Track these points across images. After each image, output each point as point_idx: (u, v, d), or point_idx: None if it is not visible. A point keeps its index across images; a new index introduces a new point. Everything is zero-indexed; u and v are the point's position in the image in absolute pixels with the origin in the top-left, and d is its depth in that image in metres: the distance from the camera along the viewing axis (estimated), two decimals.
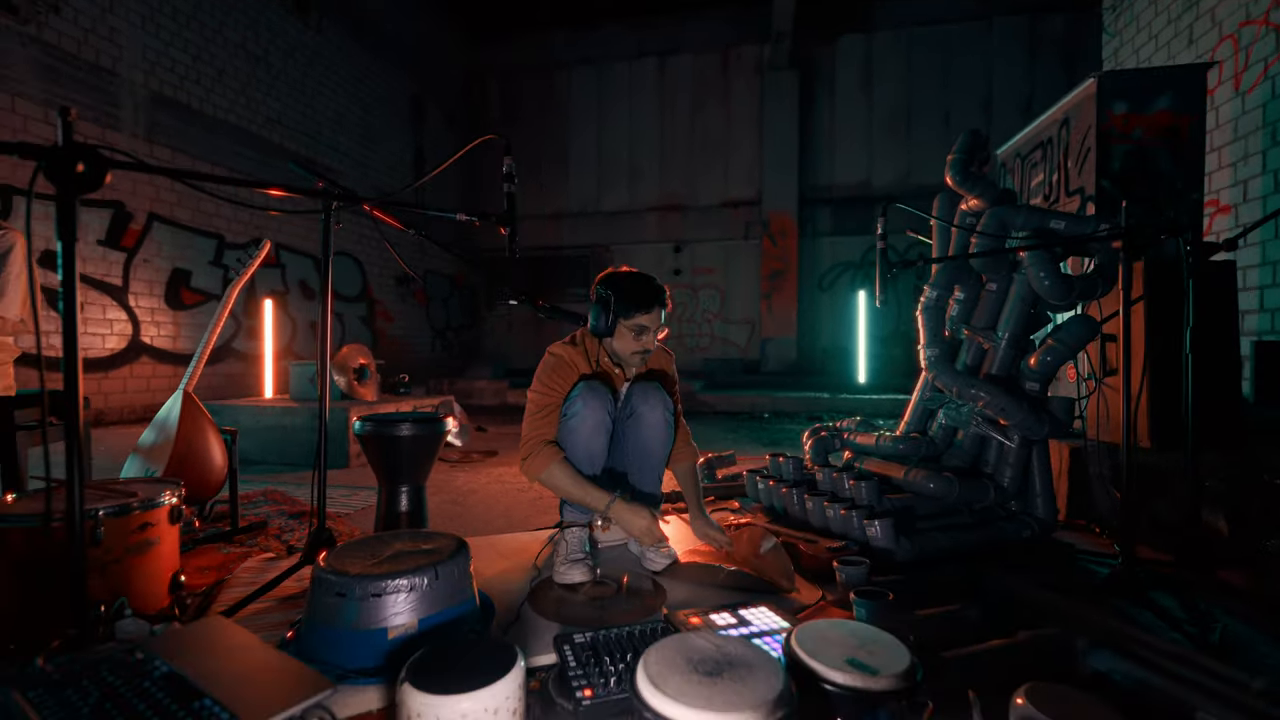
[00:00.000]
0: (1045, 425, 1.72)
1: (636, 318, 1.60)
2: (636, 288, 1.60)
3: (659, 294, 1.62)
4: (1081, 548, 1.83)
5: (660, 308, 1.62)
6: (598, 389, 1.61)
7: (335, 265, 6.62)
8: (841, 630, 0.94)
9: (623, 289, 1.60)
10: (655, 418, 1.65)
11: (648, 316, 1.60)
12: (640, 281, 1.62)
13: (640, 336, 1.62)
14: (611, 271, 1.67)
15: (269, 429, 3.32)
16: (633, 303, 1.59)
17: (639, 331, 1.61)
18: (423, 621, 1.12)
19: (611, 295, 1.60)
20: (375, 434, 1.59)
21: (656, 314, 1.62)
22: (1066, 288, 1.62)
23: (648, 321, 1.61)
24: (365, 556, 1.20)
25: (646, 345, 1.64)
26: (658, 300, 1.61)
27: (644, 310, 1.59)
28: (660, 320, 1.64)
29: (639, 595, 1.45)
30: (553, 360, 1.67)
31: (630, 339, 1.63)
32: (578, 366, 1.67)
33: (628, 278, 1.63)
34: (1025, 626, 1.24)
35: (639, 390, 1.67)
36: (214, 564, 1.72)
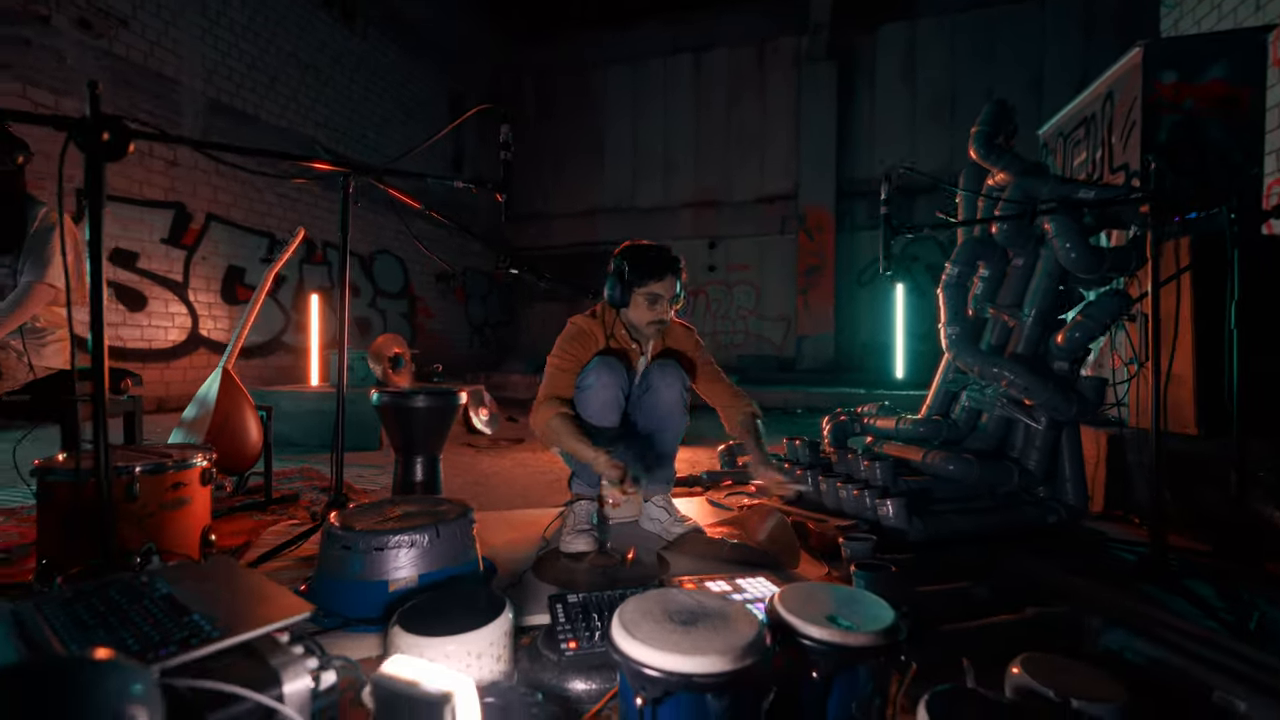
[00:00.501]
0: (1073, 405, 1.64)
1: (650, 285, 1.62)
2: (649, 256, 1.63)
3: (672, 262, 1.65)
4: (1114, 536, 1.73)
5: (673, 276, 1.64)
6: (613, 365, 1.63)
7: (379, 263, 6.85)
8: (827, 592, 0.93)
9: (636, 258, 1.64)
10: (671, 395, 1.67)
11: (660, 284, 1.63)
12: (653, 251, 1.65)
13: (654, 305, 1.64)
14: (628, 244, 1.69)
15: (309, 413, 3.48)
16: (645, 271, 1.61)
17: (652, 300, 1.63)
18: (423, 577, 1.16)
19: (625, 264, 1.63)
20: (391, 405, 1.66)
21: (670, 282, 1.63)
22: (1095, 259, 1.54)
23: (661, 289, 1.63)
24: (373, 516, 1.25)
25: (661, 315, 1.65)
26: (670, 268, 1.63)
27: (656, 278, 1.62)
28: (675, 290, 1.65)
29: (641, 565, 1.46)
30: (572, 330, 1.71)
31: (644, 308, 1.65)
32: (595, 337, 1.70)
33: (641, 248, 1.66)
34: (1036, 606, 1.19)
35: (658, 367, 1.69)
36: (245, 528, 1.82)
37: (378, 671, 0.61)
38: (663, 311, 1.65)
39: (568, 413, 1.61)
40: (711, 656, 0.72)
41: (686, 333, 1.84)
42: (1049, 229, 1.58)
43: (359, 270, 7.45)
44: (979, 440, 1.84)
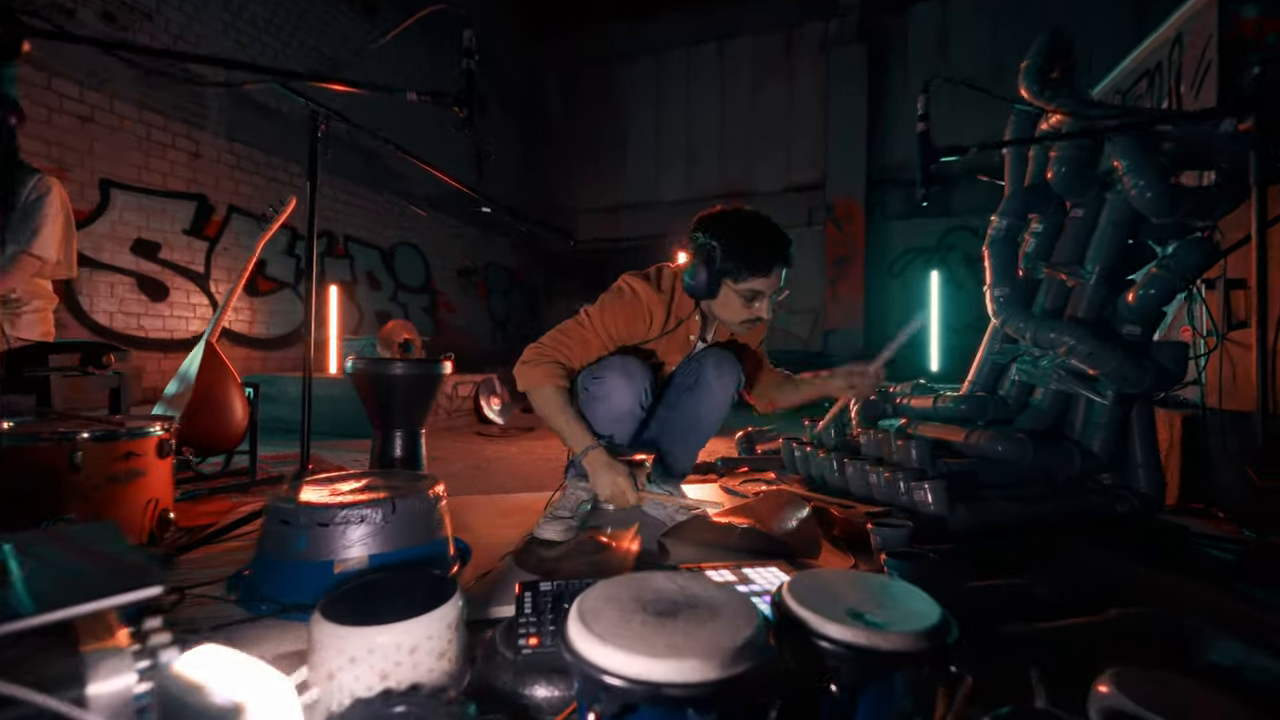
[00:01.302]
0: (1148, 375, 1.39)
1: (750, 281, 1.22)
2: (754, 240, 1.21)
3: (782, 250, 1.23)
4: (1199, 531, 1.48)
5: (783, 267, 1.24)
6: (635, 371, 1.30)
7: (400, 255, 6.78)
8: (851, 581, 0.73)
9: (735, 240, 1.22)
10: (723, 397, 1.41)
11: (765, 281, 1.23)
12: (759, 232, 1.23)
13: (753, 303, 1.26)
14: (721, 211, 1.29)
15: (317, 400, 3.38)
16: (747, 261, 1.21)
17: (751, 297, 1.25)
18: (375, 558, 1.00)
19: (719, 248, 1.23)
20: (368, 373, 1.51)
21: (777, 277, 1.24)
22: (1173, 201, 1.29)
23: (764, 286, 1.23)
24: (327, 489, 1.10)
25: (760, 313, 1.27)
26: (780, 258, 1.22)
27: (761, 273, 1.21)
28: (779, 282, 1.27)
29: (636, 554, 1.27)
30: (626, 294, 1.31)
31: (739, 305, 1.27)
32: (654, 317, 1.33)
33: (743, 223, 1.24)
34: (1109, 602, 0.96)
35: (713, 359, 1.37)
36: (221, 510, 1.70)
37: (167, 668, 0.45)
38: (763, 310, 1.27)
39: (564, 386, 1.30)
40: (691, 660, 0.54)
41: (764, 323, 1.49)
42: (1119, 166, 1.33)
43: (380, 263, 7.45)
44: (1032, 419, 1.60)
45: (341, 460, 2.53)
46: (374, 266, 7.37)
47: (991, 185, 1.96)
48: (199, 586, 1.03)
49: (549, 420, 1.34)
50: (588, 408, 1.37)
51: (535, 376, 1.32)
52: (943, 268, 8.48)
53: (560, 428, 1.31)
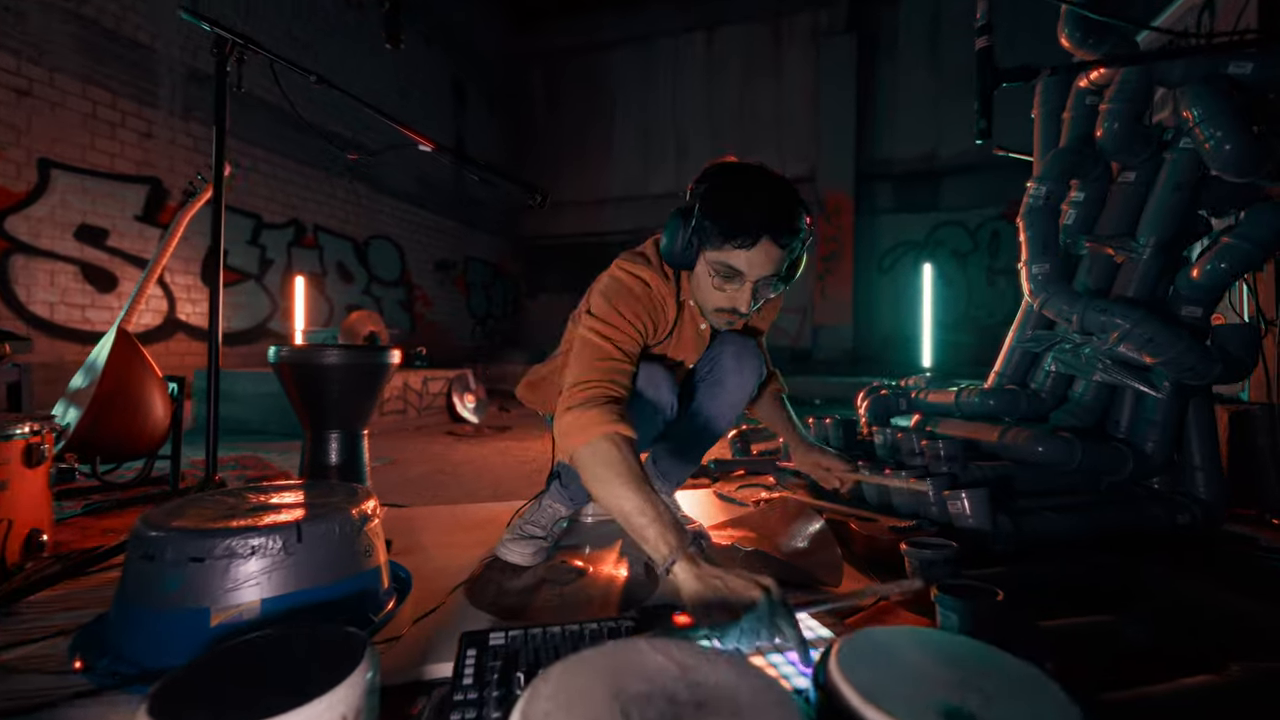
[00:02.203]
0: (1216, 364, 1.19)
1: (725, 251, 0.91)
2: (742, 196, 0.90)
3: (779, 216, 0.89)
4: (1266, 544, 1.29)
5: (776, 242, 0.90)
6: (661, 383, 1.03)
7: (374, 248, 6.48)
8: (925, 649, 0.51)
9: (720, 194, 0.91)
10: (741, 394, 1.16)
11: (744, 255, 0.90)
12: (754, 187, 0.92)
13: (727, 283, 0.93)
14: (723, 163, 0.98)
15: (270, 396, 3.11)
16: (725, 221, 0.89)
17: (726, 275, 0.93)
18: (270, 602, 0.75)
19: (698, 204, 0.92)
20: (295, 363, 1.25)
21: (763, 253, 0.90)
22: (1258, 154, 1.09)
23: (743, 263, 0.91)
24: (215, 509, 0.85)
25: (736, 303, 0.95)
26: (769, 228, 0.88)
27: (739, 240, 0.89)
28: (772, 267, 0.92)
29: (619, 583, 1.04)
30: (625, 283, 1.00)
31: (710, 284, 0.95)
32: (667, 308, 1.02)
33: (739, 174, 0.94)
34: (1233, 656, 0.76)
35: (734, 348, 1.12)
36: (128, 526, 1.44)
37: None
38: (740, 299, 0.94)
39: (628, 434, 0.87)
40: None
41: (777, 301, 1.23)
42: (1189, 115, 1.13)
43: (352, 255, 7.12)
44: (1071, 415, 1.40)
45: (289, 464, 2.26)
46: (345, 258, 7.04)
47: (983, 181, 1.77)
48: (38, 641, 0.78)
49: (606, 502, 0.85)
50: None
51: (584, 425, 0.87)
52: (931, 263, 8.36)
53: (627, 514, 0.81)
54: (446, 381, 3.60)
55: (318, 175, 6.66)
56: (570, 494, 1.20)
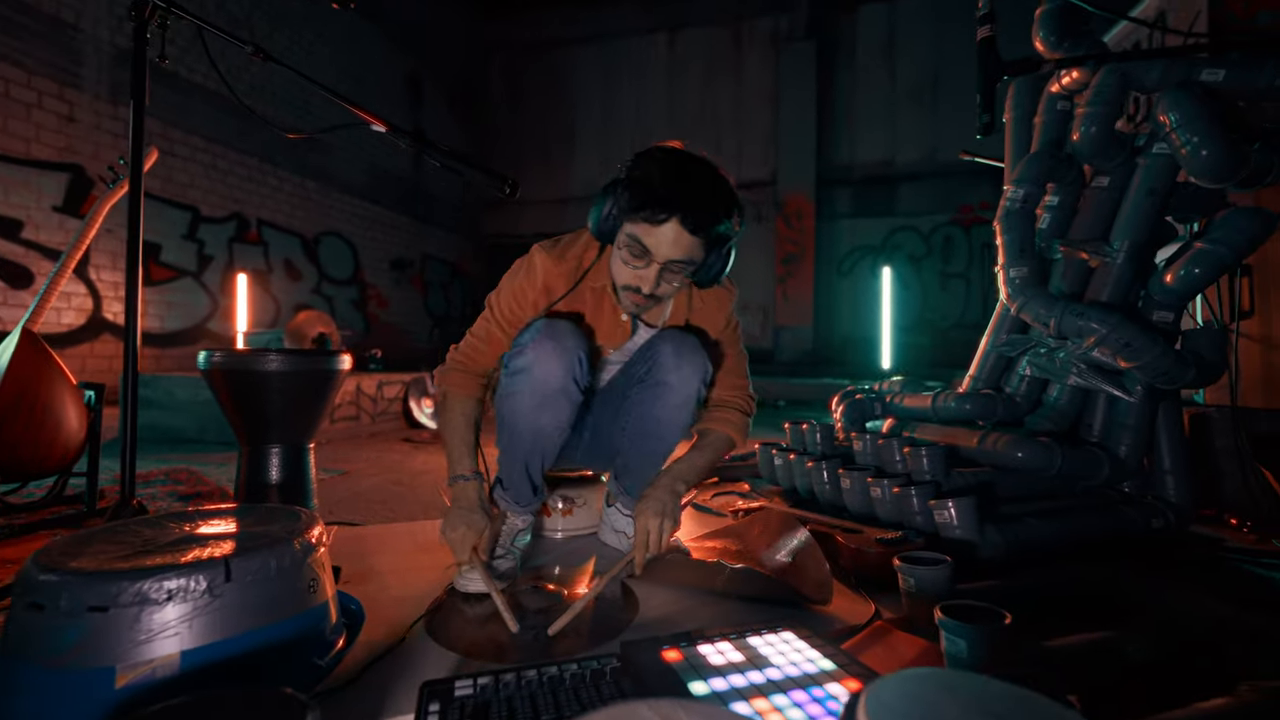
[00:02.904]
0: (1190, 369, 1.20)
1: (637, 222, 0.92)
2: (658, 173, 0.91)
3: (693, 194, 0.90)
4: (1231, 545, 1.31)
5: (687, 226, 0.90)
6: (563, 332, 0.99)
7: (325, 245, 6.16)
8: (953, 692, 0.45)
9: (642, 167, 0.94)
10: (685, 392, 1.06)
11: (655, 231, 0.90)
12: (672, 163, 0.93)
13: (636, 260, 0.94)
14: (663, 145, 1.01)
15: (207, 403, 2.88)
16: (640, 193, 0.90)
17: (635, 251, 0.93)
18: (192, 655, 0.64)
19: (626, 175, 0.96)
20: (229, 370, 1.12)
21: (673, 233, 0.90)
22: (1234, 160, 1.10)
23: (652, 240, 0.91)
24: (127, 543, 0.73)
25: (640, 283, 0.95)
26: (683, 206, 0.89)
27: (648, 213, 0.89)
28: (685, 253, 0.93)
29: (593, 611, 0.96)
30: (521, 270, 1.08)
31: (621, 258, 0.97)
32: (549, 283, 1.05)
33: (665, 154, 0.96)
34: (1235, 672, 0.73)
35: (672, 343, 1.05)
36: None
37: None
38: (644, 279, 0.95)
39: (475, 394, 1.12)
40: None
41: (723, 298, 1.19)
42: (1167, 120, 1.13)
43: (301, 252, 6.78)
44: (1046, 419, 1.39)
45: (229, 478, 2.08)
46: (293, 255, 6.69)
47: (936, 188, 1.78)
48: None
49: (442, 437, 1.12)
50: (507, 405, 1.04)
51: (443, 381, 1.13)
52: (891, 264, 8.57)
53: (444, 442, 1.10)
54: (403, 386, 3.43)
55: (263, 167, 6.30)
56: (514, 493, 1.15)
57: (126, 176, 1.68)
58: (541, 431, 1.06)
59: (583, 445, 1.30)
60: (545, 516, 1.36)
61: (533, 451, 1.09)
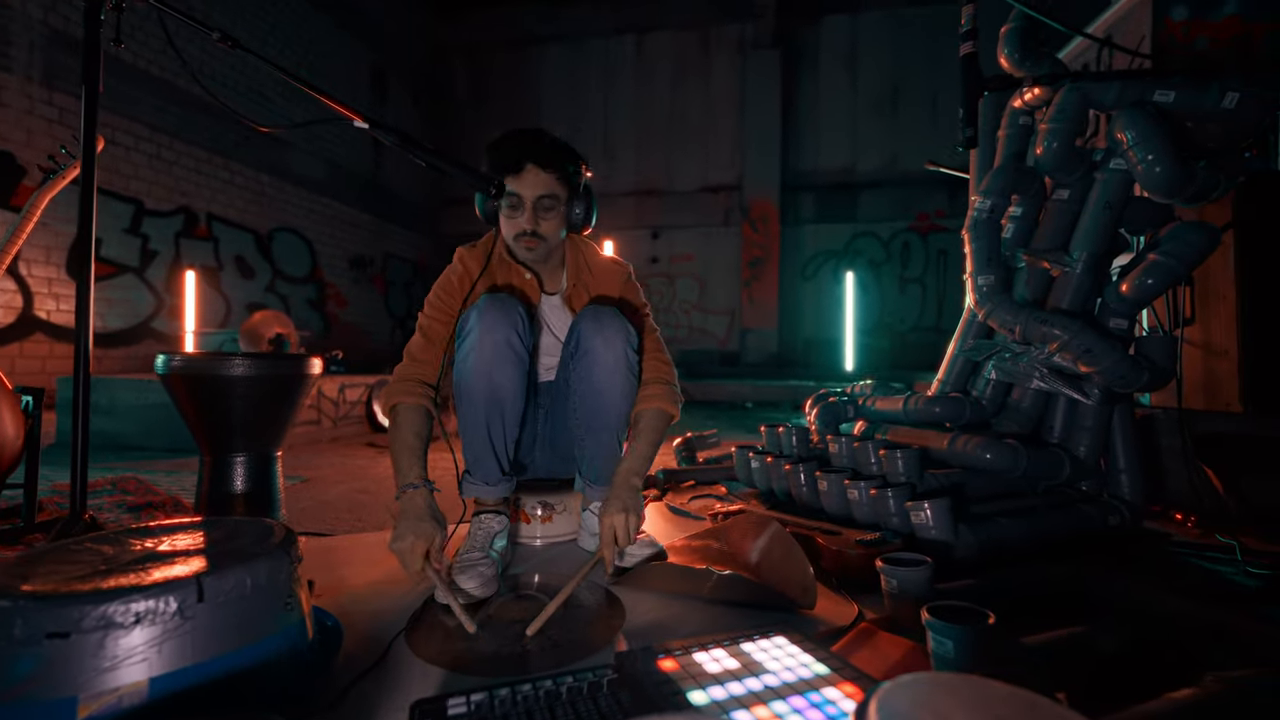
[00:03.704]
0: (1144, 373, 1.27)
1: (508, 182, 1.15)
2: (502, 140, 1.18)
3: (535, 147, 1.16)
4: (1178, 540, 1.39)
5: (541, 167, 1.15)
6: (502, 298, 1.12)
7: (279, 241, 5.93)
8: (958, 695, 0.46)
9: (490, 148, 1.19)
10: (613, 357, 1.14)
11: (518, 180, 1.15)
12: (511, 133, 1.19)
13: (515, 211, 1.18)
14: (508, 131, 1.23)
15: (154, 407, 2.72)
16: (496, 161, 1.16)
17: (512, 204, 1.17)
18: (161, 682, 0.60)
19: (487, 167, 1.18)
20: (191, 375, 1.06)
21: (533, 176, 1.15)
22: (1184, 177, 1.17)
23: (519, 187, 1.15)
24: (86, 562, 0.68)
25: (524, 225, 1.18)
26: (530, 154, 1.15)
27: (510, 170, 1.15)
28: (547, 189, 1.17)
29: (580, 618, 0.95)
30: (446, 273, 1.26)
31: (505, 218, 1.19)
32: (467, 266, 1.24)
33: (512, 131, 1.21)
34: (1196, 661, 0.78)
35: (590, 316, 1.16)
36: None
37: None
38: (527, 223, 1.17)
39: (418, 403, 1.14)
40: None
41: (614, 268, 1.32)
42: (1123, 138, 1.20)
43: (254, 248, 6.50)
44: (1011, 421, 1.45)
45: (180, 486, 1.97)
46: (246, 251, 6.41)
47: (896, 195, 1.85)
48: None
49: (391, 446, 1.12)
50: (461, 371, 1.12)
51: (387, 399, 1.16)
52: (853, 269, 8.80)
53: (393, 456, 1.09)
54: (366, 388, 3.33)
55: (213, 159, 6.02)
56: (482, 473, 1.18)
57: (68, 166, 1.58)
58: (497, 389, 1.11)
59: (545, 448, 1.34)
60: (524, 523, 1.34)
61: (492, 414, 1.12)
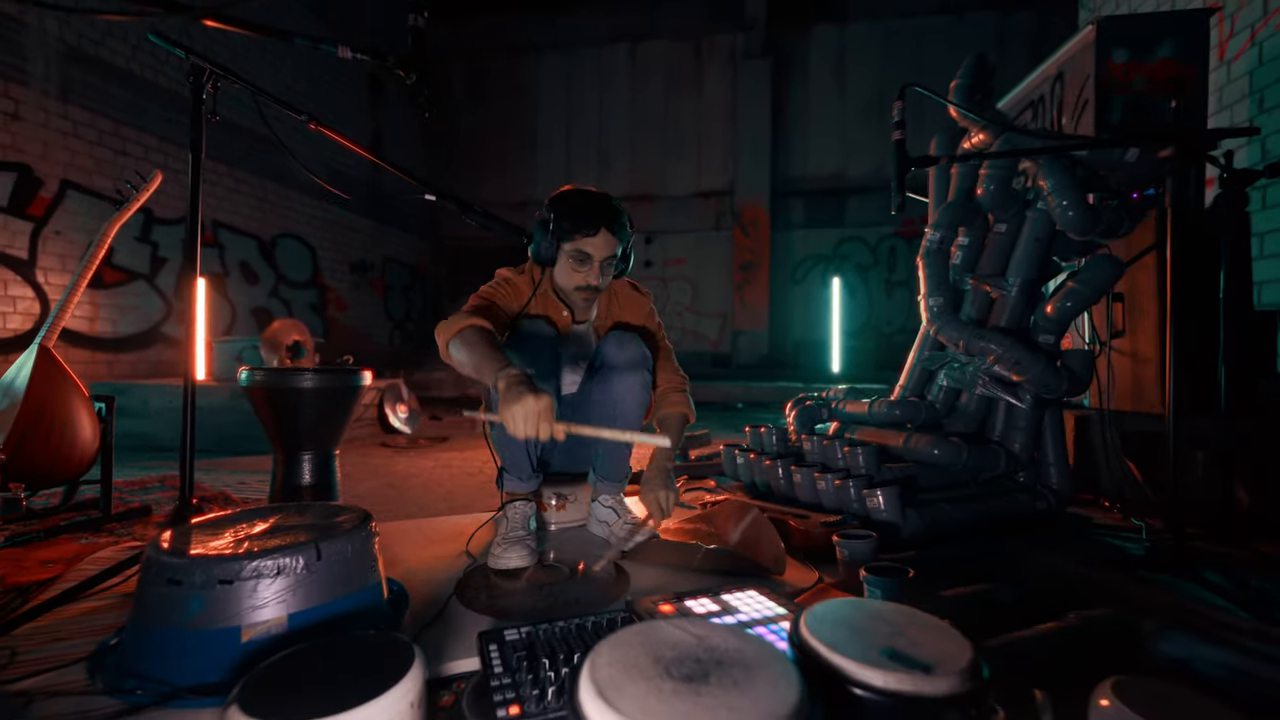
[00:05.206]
0: (1064, 381, 1.51)
1: (577, 240, 1.31)
2: (580, 203, 1.33)
3: (607, 213, 1.32)
4: (1098, 522, 1.63)
5: (609, 231, 1.32)
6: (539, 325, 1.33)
7: (282, 247, 6.10)
8: (866, 613, 0.68)
9: (562, 204, 1.33)
10: (632, 380, 1.37)
11: (591, 241, 1.31)
12: (587, 197, 1.35)
13: (582, 265, 1.34)
14: (562, 189, 1.40)
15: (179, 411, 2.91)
16: (573, 222, 1.31)
17: (580, 259, 1.33)
18: (295, 617, 0.82)
19: (551, 214, 1.33)
20: (267, 388, 1.27)
21: (604, 239, 1.32)
22: (1092, 218, 1.41)
23: (590, 248, 1.32)
24: (225, 533, 0.89)
25: (590, 280, 1.35)
26: (605, 219, 1.31)
27: (586, 231, 1.30)
28: (612, 250, 1.34)
29: (595, 581, 1.17)
30: (499, 280, 1.42)
31: (570, 268, 1.35)
32: (519, 289, 1.40)
33: (575, 194, 1.36)
34: (1071, 608, 1.01)
35: (614, 341, 1.38)
36: (66, 555, 1.37)
37: None
38: (592, 277, 1.34)
39: (481, 324, 1.21)
40: None
41: (639, 300, 1.53)
42: (1044, 185, 1.43)
43: (258, 254, 6.67)
44: (959, 422, 1.69)
45: (223, 483, 2.18)
46: (250, 257, 6.57)
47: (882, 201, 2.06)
48: (45, 673, 0.79)
49: (468, 366, 1.16)
50: None
51: (452, 324, 1.22)
52: (839, 275, 9.07)
53: (476, 362, 1.14)
54: (377, 392, 3.53)
55: (218, 168, 6.18)
56: (516, 472, 1.38)
57: (134, 197, 1.78)
58: None
59: (563, 450, 1.55)
60: (542, 511, 1.56)
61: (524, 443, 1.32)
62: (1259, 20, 3.02)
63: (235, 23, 1.08)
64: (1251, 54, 3.06)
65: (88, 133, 4.91)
